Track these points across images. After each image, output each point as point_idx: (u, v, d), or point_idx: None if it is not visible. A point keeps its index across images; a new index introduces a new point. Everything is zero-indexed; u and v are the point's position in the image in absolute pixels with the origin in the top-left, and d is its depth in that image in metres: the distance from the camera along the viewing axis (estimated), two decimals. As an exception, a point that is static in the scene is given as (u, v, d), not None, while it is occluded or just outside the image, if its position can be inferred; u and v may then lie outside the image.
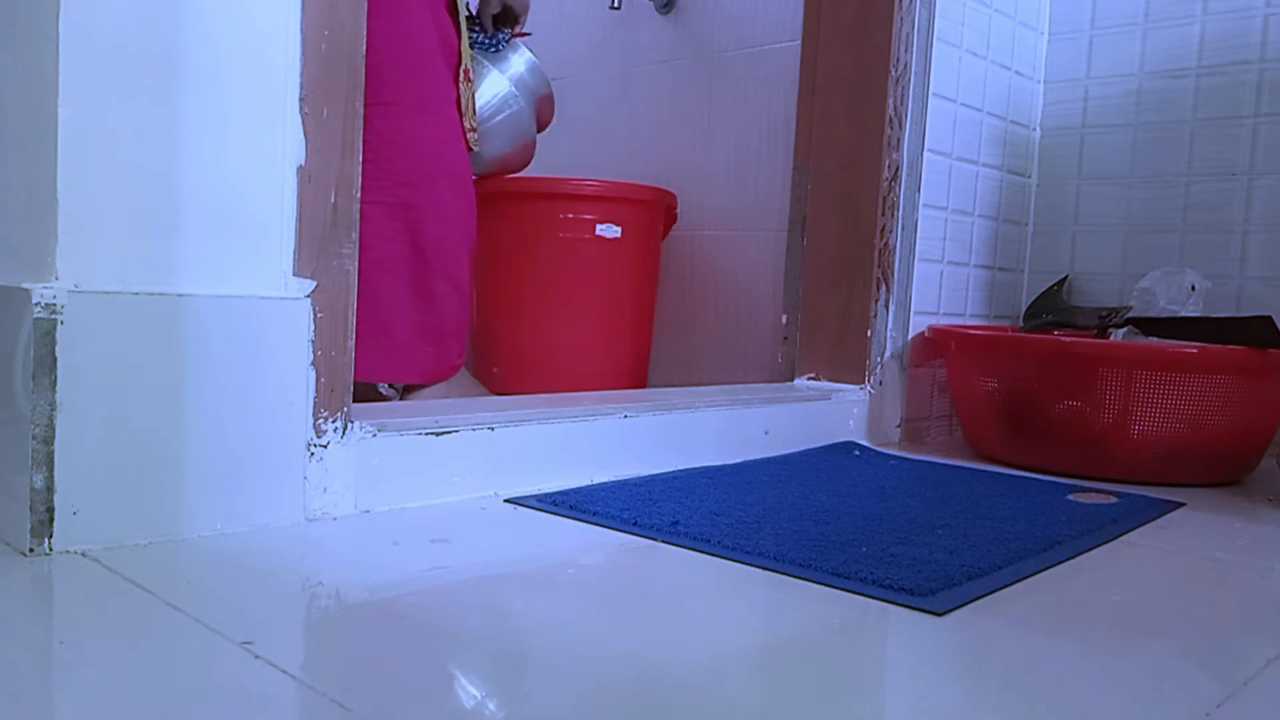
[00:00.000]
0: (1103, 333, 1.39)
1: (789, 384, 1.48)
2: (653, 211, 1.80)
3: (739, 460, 1.18)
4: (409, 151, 1.23)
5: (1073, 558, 0.84)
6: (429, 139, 1.25)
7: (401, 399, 1.36)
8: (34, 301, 0.66)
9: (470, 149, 1.39)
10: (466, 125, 1.36)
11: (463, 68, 1.35)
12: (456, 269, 1.30)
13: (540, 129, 1.67)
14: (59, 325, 0.67)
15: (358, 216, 0.83)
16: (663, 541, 0.83)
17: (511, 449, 0.96)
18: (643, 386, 1.84)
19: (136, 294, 0.71)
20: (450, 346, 1.32)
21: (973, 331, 1.41)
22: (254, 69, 0.76)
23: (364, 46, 0.83)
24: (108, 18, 0.69)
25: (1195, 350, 1.21)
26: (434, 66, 1.28)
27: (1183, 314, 1.39)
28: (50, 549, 0.68)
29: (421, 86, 1.25)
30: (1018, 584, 0.76)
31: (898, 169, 1.41)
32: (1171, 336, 1.29)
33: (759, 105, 1.83)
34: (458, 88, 1.34)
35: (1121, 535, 0.94)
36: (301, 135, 0.79)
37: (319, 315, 0.80)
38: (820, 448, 1.31)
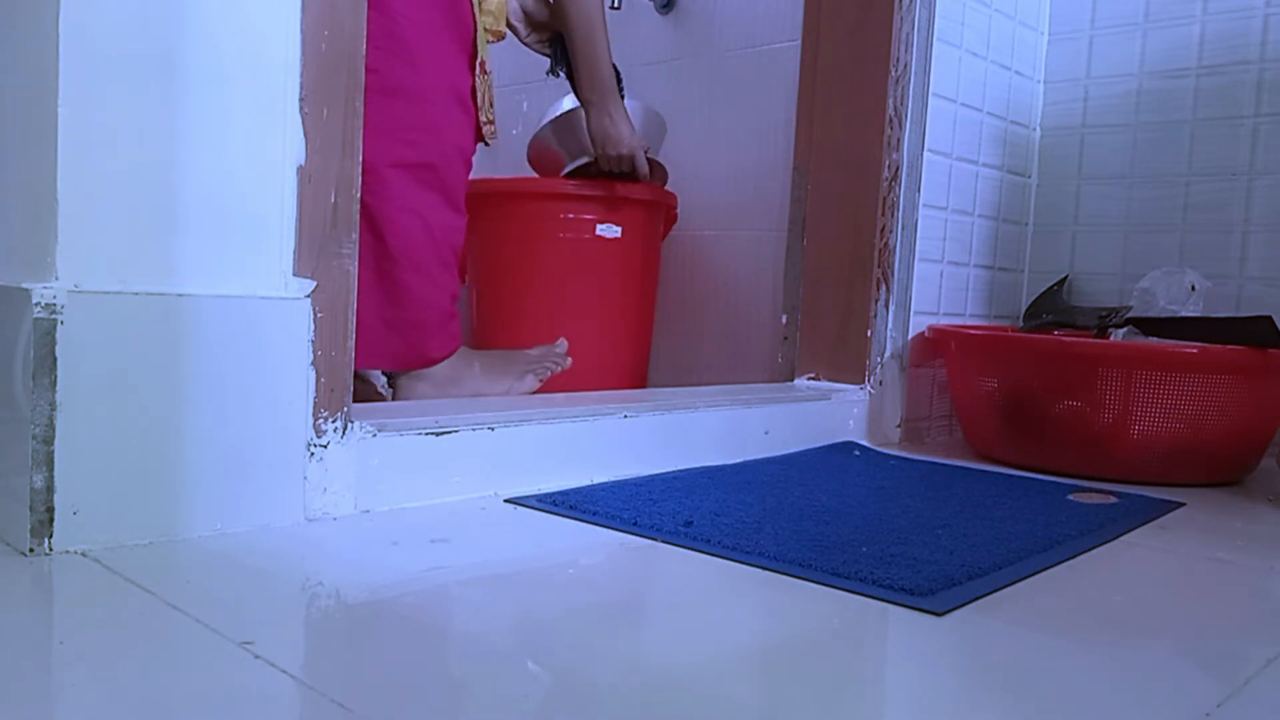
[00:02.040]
0: (1103, 333, 1.39)
1: (789, 384, 1.48)
2: (653, 212, 1.80)
3: (739, 460, 1.18)
4: (366, 141, 1.20)
5: (1073, 558, 0.84)
6: (393, 127, 1.22)
7: (394, 397, 1.35)
8: (34, 301, 0.66)
9: (485, 142, 1.37)
10: (482, 118, 1.35)
11: (479, 60, 1.33)
12: (425, 261, 1.27)
13: None
14: (59, 325, 0.67)
15: (357, 216, 0.83)
16: (663, 541, 0.83)
17: (511, 449, 0.96)
18: (643, 386, 1.84)
19: (136, 294, 0.71)
20: (426, 338, 1.30)
21: (973, 331, 1.41)
22: (254, 69, 0.76)
23: (364, 46, 0.83)
24: (108, 18, 0.69)
25: (1195, 350, 1.21)
26: (415, 52, 1.24)
27: (1183, 314, 1.39)
28: (50, 549, 0.68)
29: (389, 73, 1.21)
30: (1018, 584, 0.76)
31: (898, 169, 1.41)
32: (1171, 336, 1.29)
33: (759, 105, 1.83)
34: (472, 77, 1.32)
35: (1121, 535, 0.94)
36: (301, 135, 0.79)
37: (319, 315, 0.80)
38: (820, 448, 1.31)
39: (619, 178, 1.67)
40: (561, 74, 1.61)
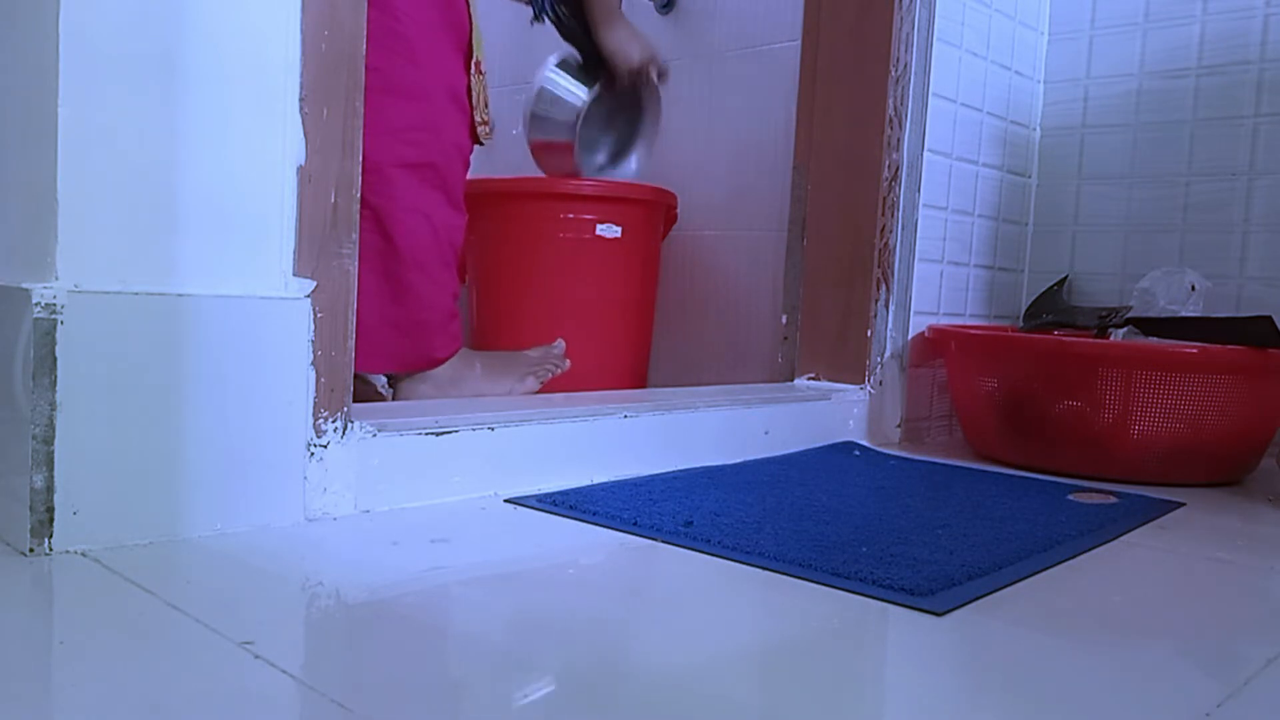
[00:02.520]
0: (1103, 333, 1.39)
1: (789, 384, 1.48)
2: (653, 211, 1.80)
3: (739, 460, 1.18)
4: (368, 139, 1.18)
5: (1073, 558, 0.84)
6: (396, 126, 1.22)
7: (395, 397, 1.35)
8: (34, 301, 0.66)
9: (479, 142, 1.37)
10: (477, 118, 1.34)
11: (474, 60, 1.33)
12: (430, 260, 1.28)
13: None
14: (59, 325, 0.67)
15: (357, 216, 0.83)
16: (663, 541, 0.83)
17: (511, 449, 0.96)
18: (643, 386, 1.84)
19: (136, 294, 0.71)
20: (430, 338, 1.30)
21: (973, 331, 1.41)
22: (254, 69, 0.76)
23: (364, 46, 0.83)
24: (108, 17, 0.69)
25: (1195, 350, 1.21)
26: (417, 51, 1.24)
27: (1183, 314, 1.39)
28: (50, 549, 0.68)
29: (392, 73, 1.21)
30: (1018, 584, 0.76)
31: (898, 169, 1.41)
32: (1171, 336, 1.29)
33: (759, 105, 1.83)
34: (468, 76, 1.32)
35: (1121, 535, 0.94)
36: (301, 135, 0.79)
37: (319, 315, 0.80)
38: (820, 448, 1.31)
39: (639, 92, 1.68)
40: (546, 21, 1.60)
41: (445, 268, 1.30)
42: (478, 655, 0.58)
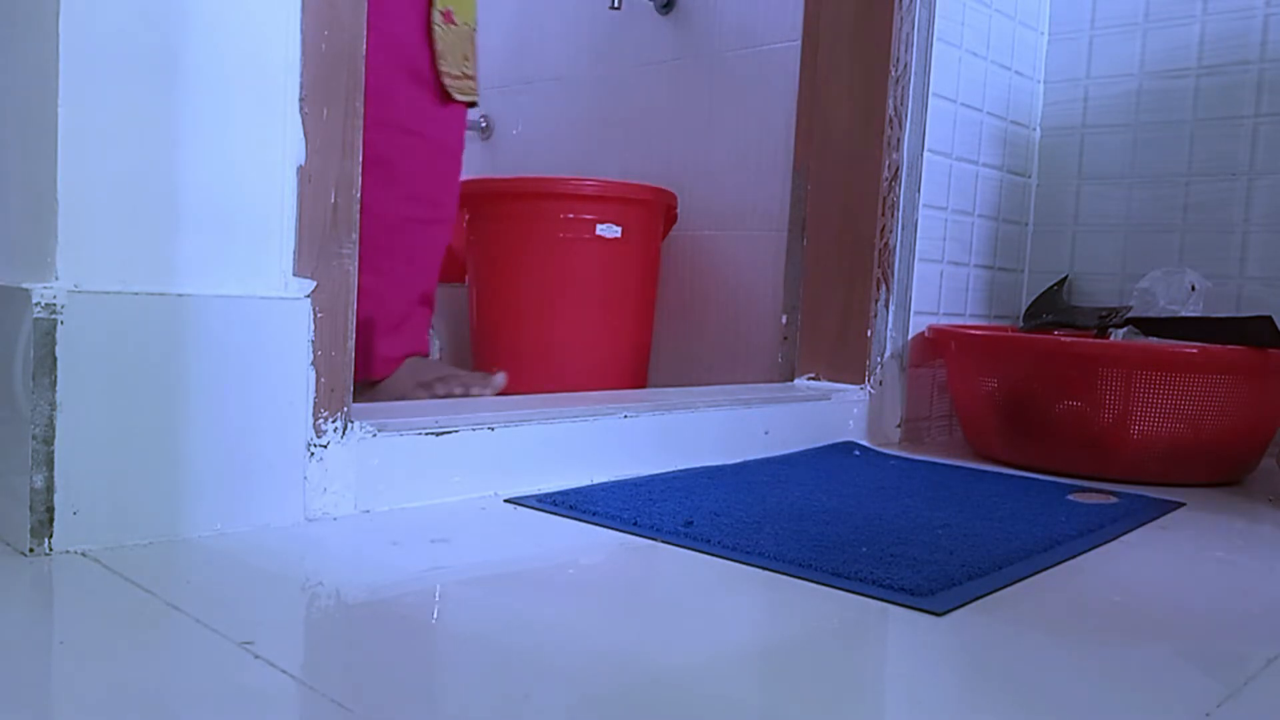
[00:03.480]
0: (1103, 333, 1.40)
1: (789, 384, 1.48)
2: (653, 211, 1.80)
3: (739, 460, 1.18)
4: None
5: (1073, 558, 0.84)
6: None
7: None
8: (34, 301, 0.66)
9: (454, 100, 1.24)
10: (455, 72, 1.21)
11: (439, 10, 1.20)
12: (383, 260, 1.17)
13: None
14: (59, 325, 0.67)
15: (357, 216, 0.83)
16: (663, 541, 0.83)
17: (511, 449, 0.96)
18: (643, 386, 1.84)
19: (136, 294, 0.71)
20: (375, 345, 1.21)
21: (973, 331, 1.41)
22: (254, 69, 0.76)
23: (364, 46, 0.83)
24: (108, 17, 0.69)
25: (1195, 350, 1.21)
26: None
27: (1183, 314, 1.39)
28: (50, 549, 0.68)
29: None
30: (1018, 584, 0.76)
31: (898, 169, 1.41)
32: (1171, 336, 1.29)
33: (759, 106, 1.83)
34: (430, 45, 1.19)
35: (1121, 535, 0.94)
36: (301, 135, 0.79)
37: (319, 315, 0.80)
38: (820, 448, 1.31)
39: None
40: None
41: (404, 265, 1.20)
42: (478, 655, 0.58)
